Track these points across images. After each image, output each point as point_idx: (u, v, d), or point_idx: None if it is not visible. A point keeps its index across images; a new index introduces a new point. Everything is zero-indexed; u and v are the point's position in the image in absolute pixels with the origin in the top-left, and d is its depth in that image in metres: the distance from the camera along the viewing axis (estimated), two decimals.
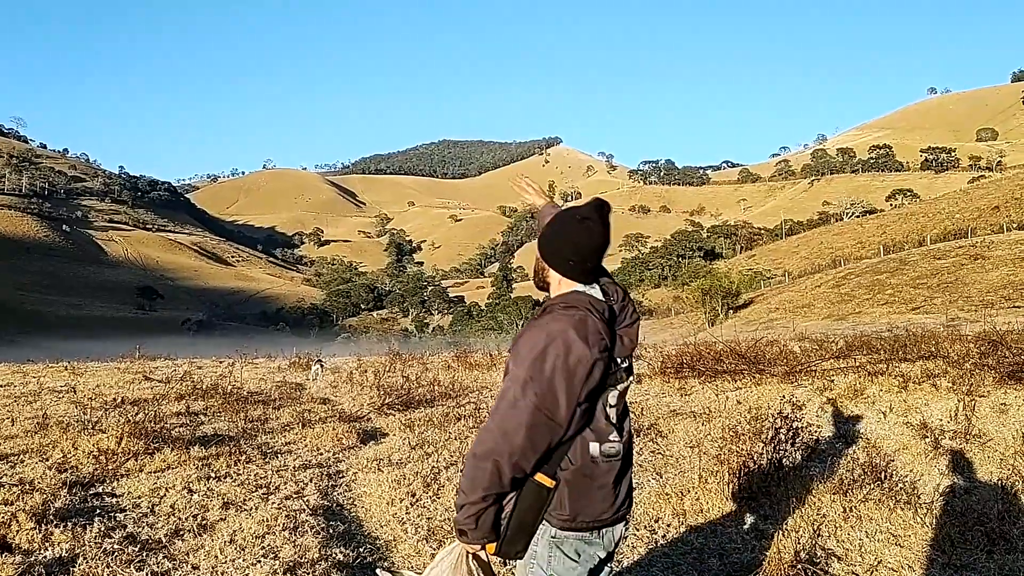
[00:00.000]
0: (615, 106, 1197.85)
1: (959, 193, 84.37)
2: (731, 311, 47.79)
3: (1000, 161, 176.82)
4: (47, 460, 6.02)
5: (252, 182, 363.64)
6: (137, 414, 7.95)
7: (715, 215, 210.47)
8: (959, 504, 4.52)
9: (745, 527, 4.39)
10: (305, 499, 5.12)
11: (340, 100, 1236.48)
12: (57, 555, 3.87)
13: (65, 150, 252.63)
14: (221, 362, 18.05)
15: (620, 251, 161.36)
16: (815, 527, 4.18)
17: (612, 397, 2.08)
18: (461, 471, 2.60)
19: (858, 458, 5.71)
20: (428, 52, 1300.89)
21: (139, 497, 5.04)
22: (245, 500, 5.01)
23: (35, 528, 4.17)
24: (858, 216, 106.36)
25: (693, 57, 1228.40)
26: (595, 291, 2.12)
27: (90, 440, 6.50)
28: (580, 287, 2.11)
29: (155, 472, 5.72)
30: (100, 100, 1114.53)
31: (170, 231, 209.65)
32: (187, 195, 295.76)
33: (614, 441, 2.06)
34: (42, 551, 3.93)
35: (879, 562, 3.77)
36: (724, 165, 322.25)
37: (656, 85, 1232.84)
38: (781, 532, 4.15)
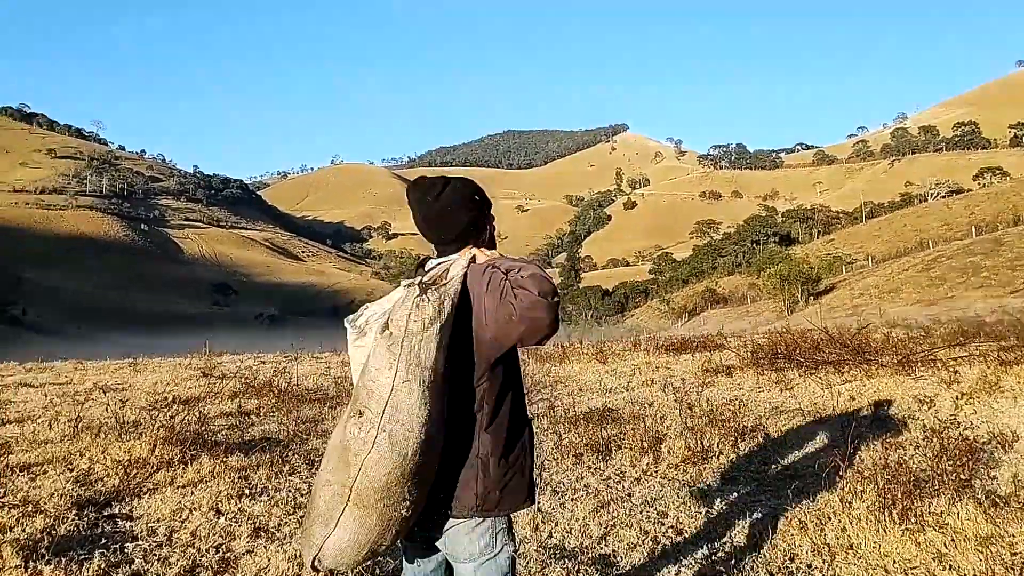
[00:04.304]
0: (683, 90, 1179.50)
1: None
2: (811, 297, 45.65)
3: None
4: (73, 471, 5.35)
5: (320, 178, 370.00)
6: (184, 415, 7.29)
7: (789, 199, 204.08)
8: None
9: (913, 567, 3.34)
10: None
11: (406, 95, 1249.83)
12: None
13: (142, 151, 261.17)
14: (286, 356, 17.53)
15: (691, 238, 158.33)
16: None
17: None
18: None
19: None
20: (492, 43, 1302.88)
21: (158, 520, 4.26)
22: (280, 525, 4.18)
23: (21, 565, 3.41)
24: (944, 196, 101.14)
25: (763, 36, 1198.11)
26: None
27: (122, 447, 5.82)
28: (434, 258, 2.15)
29: (185, 486, 4.95)
30: (175, 102, 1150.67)
31: (243, 228, 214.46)
32: (258, 192, 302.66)
33: None
34: None
35: None
36: (798, 147, 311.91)
37: (726, 67, 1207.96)
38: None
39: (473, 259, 2.02)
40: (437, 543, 2.03)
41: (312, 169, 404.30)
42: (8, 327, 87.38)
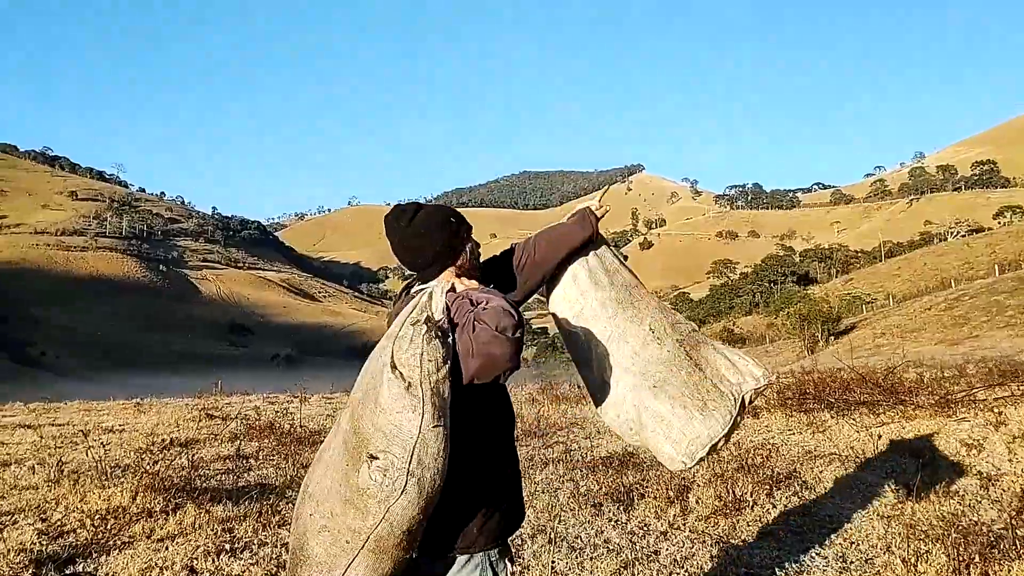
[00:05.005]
0: (699, 130, 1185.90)
1: None
2: (832, 337, 44.83)
3: None
4: (45, 521, 4.90)
5: (337, 219, 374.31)
6: (176, 458, 6.86)
7: (807, 239, 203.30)
8: None
9: None
10: None
11: (422, 136, 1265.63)
12: None
13: (162, 193, 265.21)
14: (295, 396, 17.12)
15: (708, 278, 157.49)
16: None
17: None
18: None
19: None
20: (507, 85, 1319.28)
21: None
22: None
23: None
24: (964, 235, 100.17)
25: (779, 76, 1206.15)
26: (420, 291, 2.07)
27: (102, 495, 5.37)
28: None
29: (163, 539, 4.48)
30: (195, 144, 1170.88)
31: (260, 269, 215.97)
32: (275, 233, 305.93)
33: None
34: None
35: None
36: (815, 187, 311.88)
37: (741, 106, 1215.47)
38: None
39: (452, 288, 1.94)
40: None
41: (329, 210, 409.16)
42: (27, 367, 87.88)
